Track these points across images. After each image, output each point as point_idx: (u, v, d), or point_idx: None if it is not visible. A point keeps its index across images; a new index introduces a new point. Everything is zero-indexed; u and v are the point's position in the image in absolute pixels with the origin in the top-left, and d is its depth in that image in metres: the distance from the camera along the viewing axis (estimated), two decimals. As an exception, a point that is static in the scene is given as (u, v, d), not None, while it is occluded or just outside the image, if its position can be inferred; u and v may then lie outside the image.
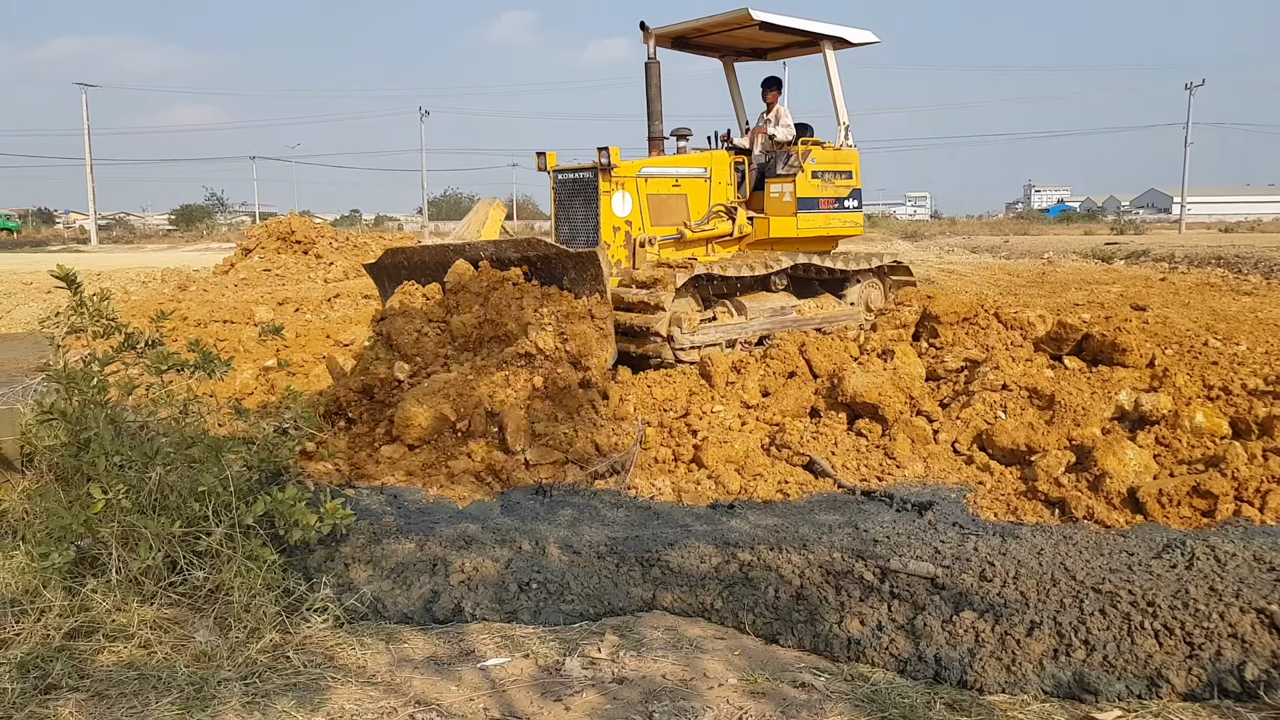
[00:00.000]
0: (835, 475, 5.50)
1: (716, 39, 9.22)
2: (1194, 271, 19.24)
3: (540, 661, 3.38)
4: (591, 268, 6.55)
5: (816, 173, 8.76)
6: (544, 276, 6.76)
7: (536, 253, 6.78)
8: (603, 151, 7.61)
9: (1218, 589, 3.43)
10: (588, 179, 7.82)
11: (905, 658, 3.37)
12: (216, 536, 3.79)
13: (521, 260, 6.83)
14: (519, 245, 6.94)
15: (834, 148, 9.04)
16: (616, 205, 7.77)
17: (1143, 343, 6.48)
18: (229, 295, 14.09)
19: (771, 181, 8.80)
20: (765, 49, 9.78)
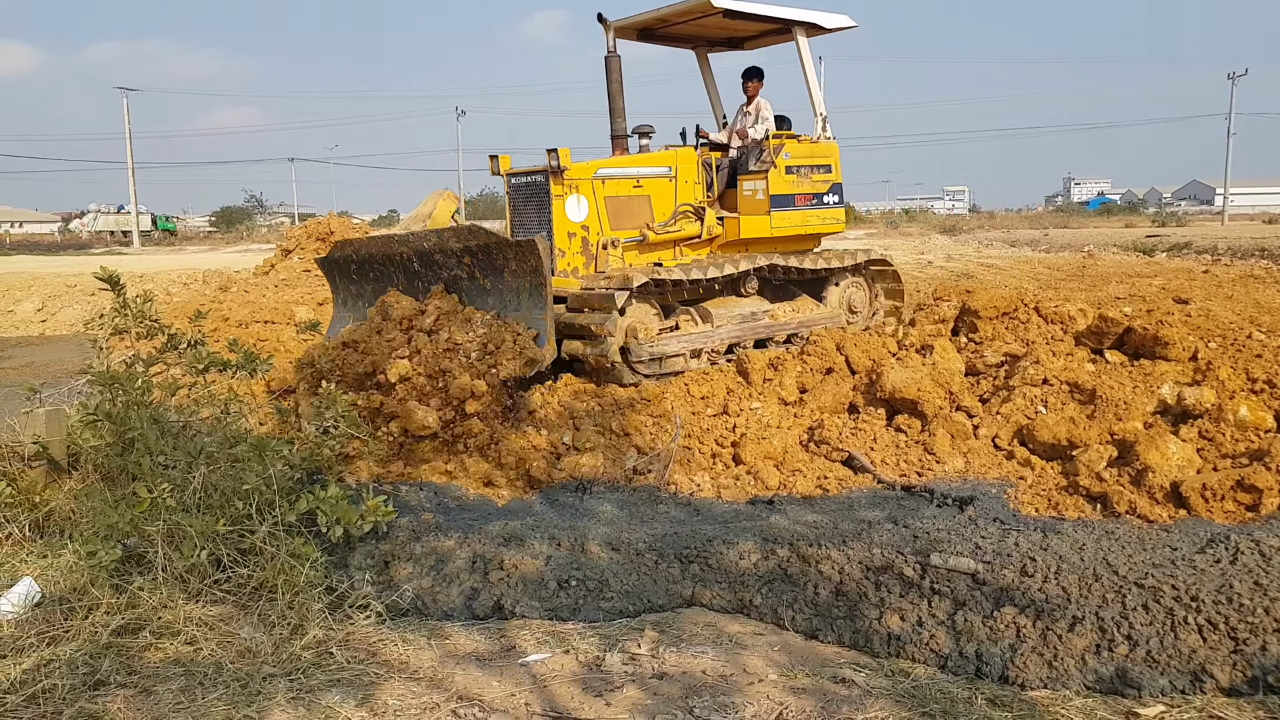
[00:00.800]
0: (875, 471, 5.48)
1: (684, 29, 8.68)
2: (1237, 264, 18.88)
3: (581, 658, 3.40)
4: (531, 258, 6.14)
5: (791, 168, 8.27)
6: (485, 267, 6.46)
7: (478, 241, 6.41)
8: (552, 153, 7.21)
9: (1262, 584, 3.38)
10: (539, 182, 7.43)
11: (946, 653, 3.35)
12: (260, 534, 3.86)
13: (464, 250, 6.50)
14: (461, 234, 6.61)
15: (811, 140, 8.61)
16: (571, 209, 7.38)
17: (1185, 336, 6.38)
18: (269, 296, 14.27)
19: (743, 178, 8.33)
20: (740, 38, 9.24)
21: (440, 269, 6.70)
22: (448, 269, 6.66)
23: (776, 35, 9.01)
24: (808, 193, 8.43)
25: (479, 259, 6.45)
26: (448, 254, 6.59)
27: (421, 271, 6.84)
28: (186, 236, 65.19)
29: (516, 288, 6.33)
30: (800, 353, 6.99)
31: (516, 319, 6.25)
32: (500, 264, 6.36)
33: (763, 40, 9.27)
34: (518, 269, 6.27)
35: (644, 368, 6.90)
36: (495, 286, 6.44)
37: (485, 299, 6.50)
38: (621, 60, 8.07)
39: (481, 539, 4.19)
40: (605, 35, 8.04)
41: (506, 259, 6.30)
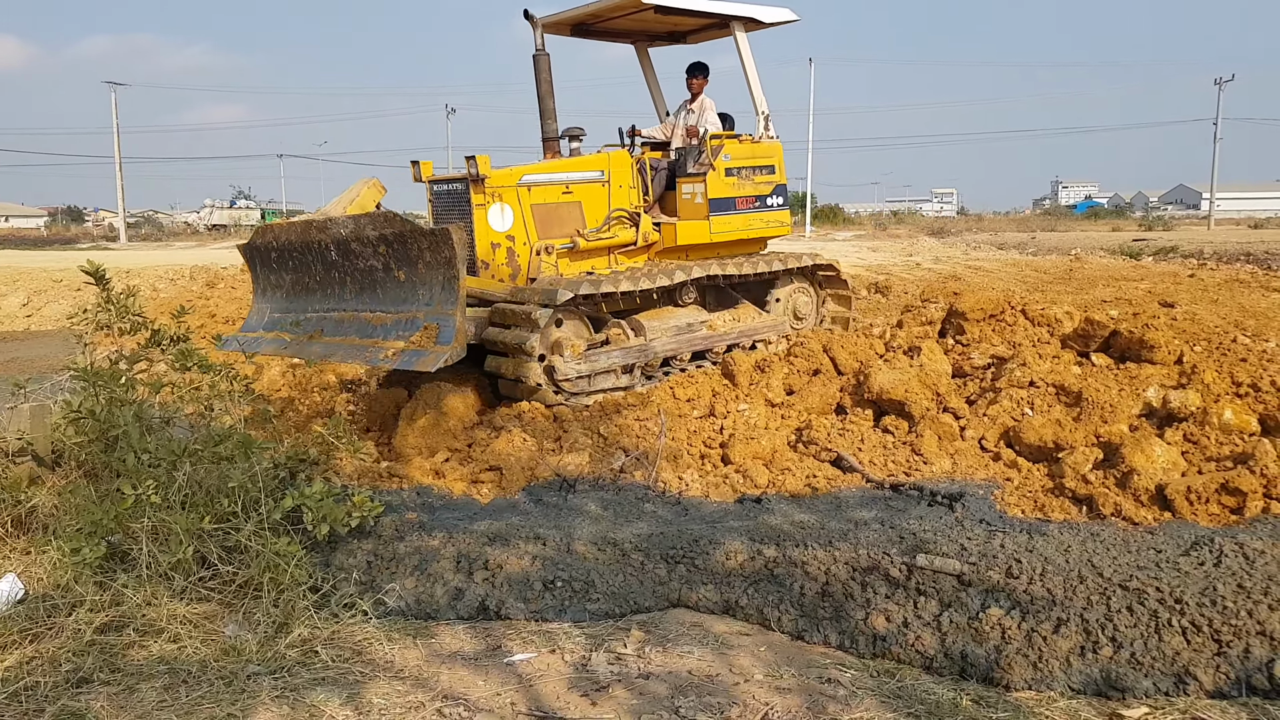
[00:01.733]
0: (863, 470, 5.49)
1: (619, 24, 8.32)
2: (1223, 268, 19.01)
3: (567, 657, 3.40)
4: (445, 249, 5.78)
5: (731, 170, 8.01)
6: (400, 258, 6.09)
7: (393, 230, 6.05)
8: (470, 161, 6.91)
9: (1246, 586, 3.40)
10: (460, 190, 7.12)
11: (931, 654, 3.36)
12: (245, 532, 3.84)
13: (379, 239, 6.14)
14: (377, 221, 6.21)
15: (753, 140, 8.28)
16: (494, 219, 7.07)
17: (1171, 339, 6.42)
18: (256, 293, 14.21)
19: (682, 181, 8.02)
20: (680, 32, 8.91)
21: (357, 259, 6.36)
22: (364, 259, 6.32)
23: (717, 30, 8.67)
24: (750, 195, 8.17)
25: (394, 248, 6.08)
26: (364, 243, 6.24)
27: (339, 262, 6.51)
28: (174, 232, 64.82)
29: (430, 280, 5.97)
30: (787, 354, 7.01)
31: (427, 313, 5.94)
32: (415, 254, 5.99)
33: (703, 35, 8.97)
34: (432, 260, 5.91)
35: (570, 385, 6.62)
36: (409, 278, 6.09)
37: (399, 289, 6.18)
38: (551, 59, 7.83)
39: (467, 538, 4.17)
40: (533, 32, 7.80)
41: (421, 249, 5.93)
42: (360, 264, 6.37)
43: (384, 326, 6.20)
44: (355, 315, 6.48)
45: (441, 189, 7.33)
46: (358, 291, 6.48)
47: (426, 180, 7.44)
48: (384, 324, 6.22)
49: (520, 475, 5.38)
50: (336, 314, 6.62)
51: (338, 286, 6.59)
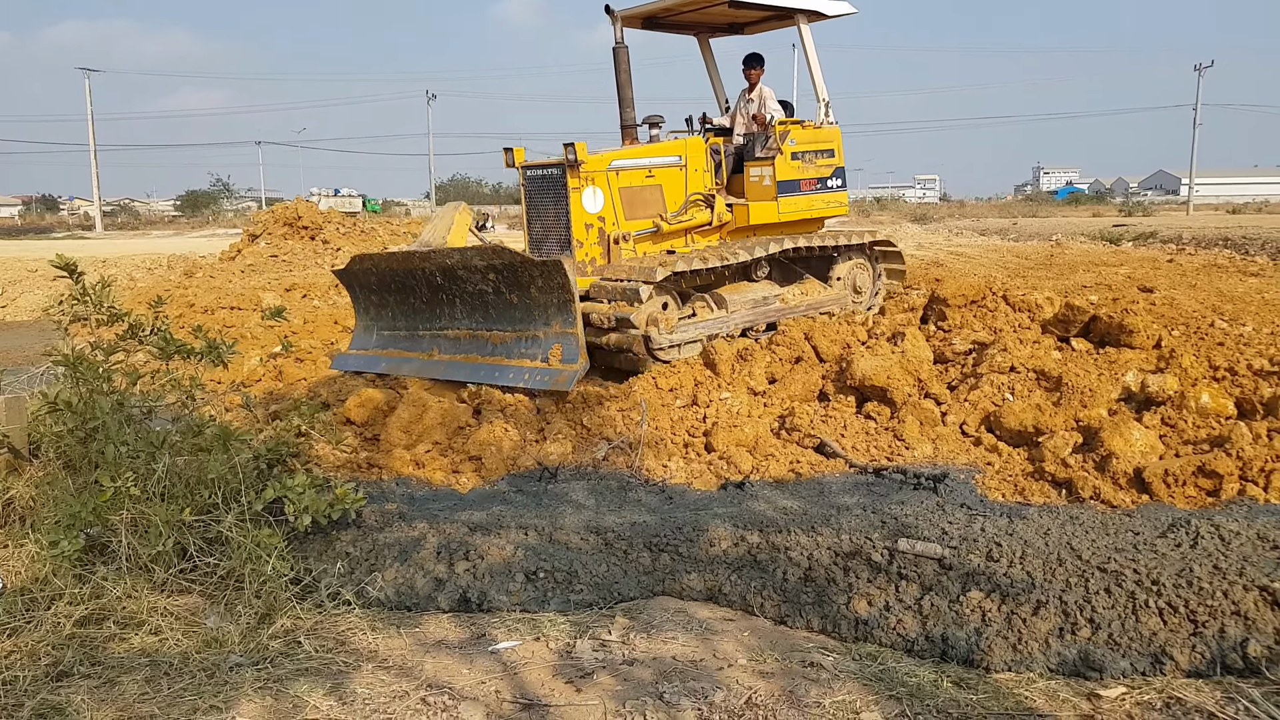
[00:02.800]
0: (846, 456, 5.51)
1: (688, 16, 8.78)
2: (1201, 253, 19.15)
3: (552, 645, 3.40)
4: (558, 276, 6.28)
5: (796, 154, 8.46)
6: (511, 284, 6.58)
7: (502, 260, 6.51)
8: (569, 147, 7.29)
9: (1221, 567, 3.44)
10: (555, 175, 7.51)
11: (913, 637, 3.39)
12: (227, 523, 3.82)
13: (488, 268, 6.61)
14: (484, 253, 6.68)
15: (814, 126, 8.74)
16: (587, 201, 7.47)
17: (1149, 324, 6.47)
18: (235, 282, 14.12)
19: (750, 165, 8.48)
20: (741, 24, 9.34)
21: (464, 283, 6.83)
22: (472, 284, 6.78)
23: (778, 21, 9.14)
24: (812, 177, 8.61)
25: (504, 275, 6.58)
26: (471, 270, 6.71)
27: (445, 285, 6.97)
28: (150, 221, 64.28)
29: (545, 303, 6.49)
30: (769, 343, 7.02)
31: (546, 333, 6.51)
32: (526, 281, 6.50)
33: (764, 25, 9.38)
34: (545, 285, 6.42)
35: (664, 355, 7.05)
36: (522, 300, 6.60)
37: (512, 312, 6.68)
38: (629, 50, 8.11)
39: (449, 528, 4.17)
40: (613, 26, 8.09)
41: (532, 276, 6.45)
42: (469, 288, 6.84)
43: (505, 345, 6.76)
44: (472, 334, 7.01)
45: (535, 174, 7.69)
46: (469, 312, 6.97)
47: (519, 166, 7.78)
48: (505, 342, 6.77)
49: (501, 465, 5.37)
50: (450, 332, 7.12)
51: (447, 307, 7.08)
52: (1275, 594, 3.28)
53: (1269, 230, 22.84)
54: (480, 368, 6.78)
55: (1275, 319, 8.06)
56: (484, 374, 6.71)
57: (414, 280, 7.17)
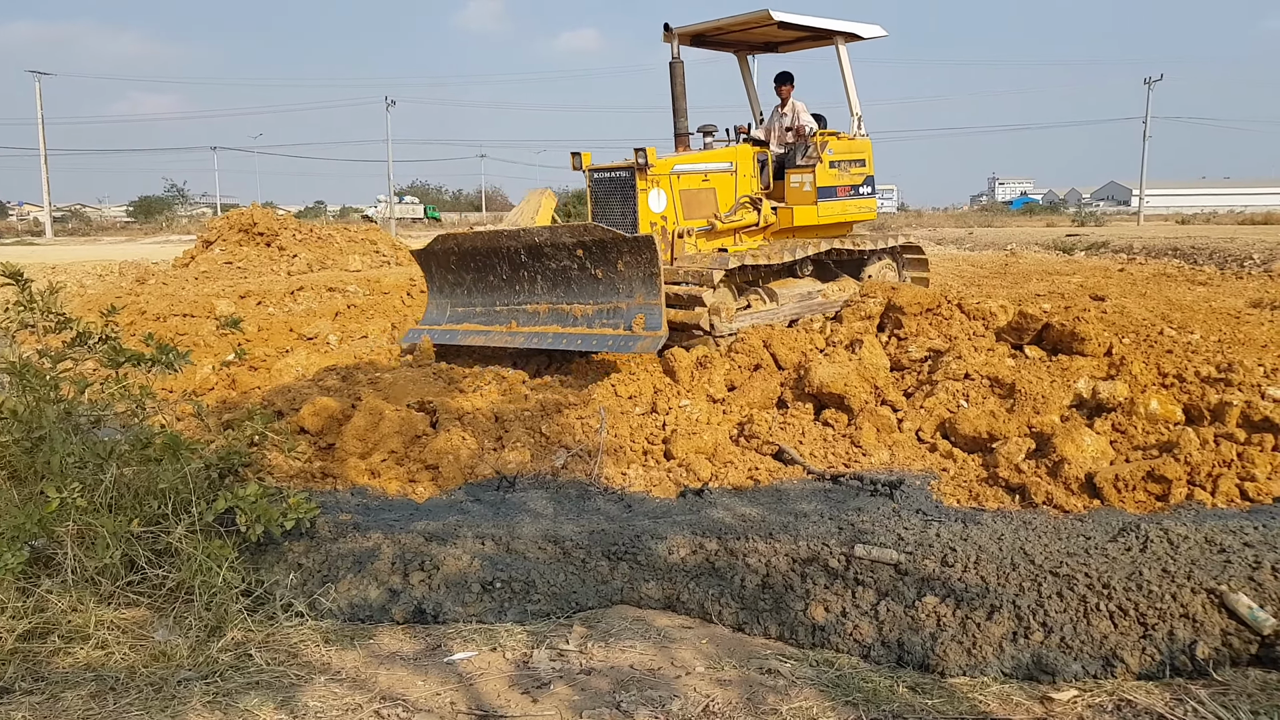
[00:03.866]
0: (804, 463, 5.54)
1: (734, 36, 9.57)
2: (1151, 262, 19.56)
3: (509, 655, 3.37)
4: (646, 251, 7.01)
5: (833, 162, 9.23)
6: (598, 259, 7.27)
7: (593, 238, 7.22)
8: (639, 152, 8.03)
9: (1170, 571, 3.50)
10: (624, 178, 8.20)
11: (869, 643, 3.41)
12: (176, 534, 3.75)
13: (577, 245, 7.31)
14: (575, 230, 7.43)
15: (848, 138, 9.48)
16: (653, 201, 8.16)
17: (1101, 332, 6.57)
18: (189, 289, 13.91)
19: (791, 172, 9.24)
20: (777, 43, 10.14)
21: (549, 260, 7.56)
22: (557, 260, 7.51)
23: (813, 41, 9.94)
24: (847, 184, 9.44)
25: (592, 252, 7.28)
26: (559, 247, 7.43)
27: (528, 263, 7.71)
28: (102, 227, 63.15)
29: (630, 277, 7.17)
30: (728, 350, 7.05)
31: (629, 305, 7.17)
32: (614, 257, 7.19)
33: (799, 45, 10.20)
34: (632, 260, 7.11)
35: (723, 342, 7.56)
36: (608, 276, 7.29)
37: (596, 286, 7.39)
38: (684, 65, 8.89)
39: (404, 538, 4.11)
40: (671, 44, 8.83)
41: (621, 252, 7.13)
42: (553, 265, 7.57)
43: (586, 317, 7.45)
44: (552, 307, 7.71)
45: (603, 176, 8.43)
46: (550, 287, 7.69)
47: (586, 169, 8.54)
48: (586, 314, 7.47)
49: (459, 474, 5.33)
50: (529, 307, 7.84)
51: (527, 284, 7.81)
52: (1222, 597, 3.34)
53: (1216, 240, 23.35)
54: (562, 336, 7.48)
55: (1222, 327, 8.23)
56: (566, 341, 7.44)
57: (496, 258, 7.88)
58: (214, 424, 5.54)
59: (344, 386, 6.84)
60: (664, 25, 8.87)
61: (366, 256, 19.24)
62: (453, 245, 8.23)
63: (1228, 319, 8.92)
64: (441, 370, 7.26)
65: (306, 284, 13.01)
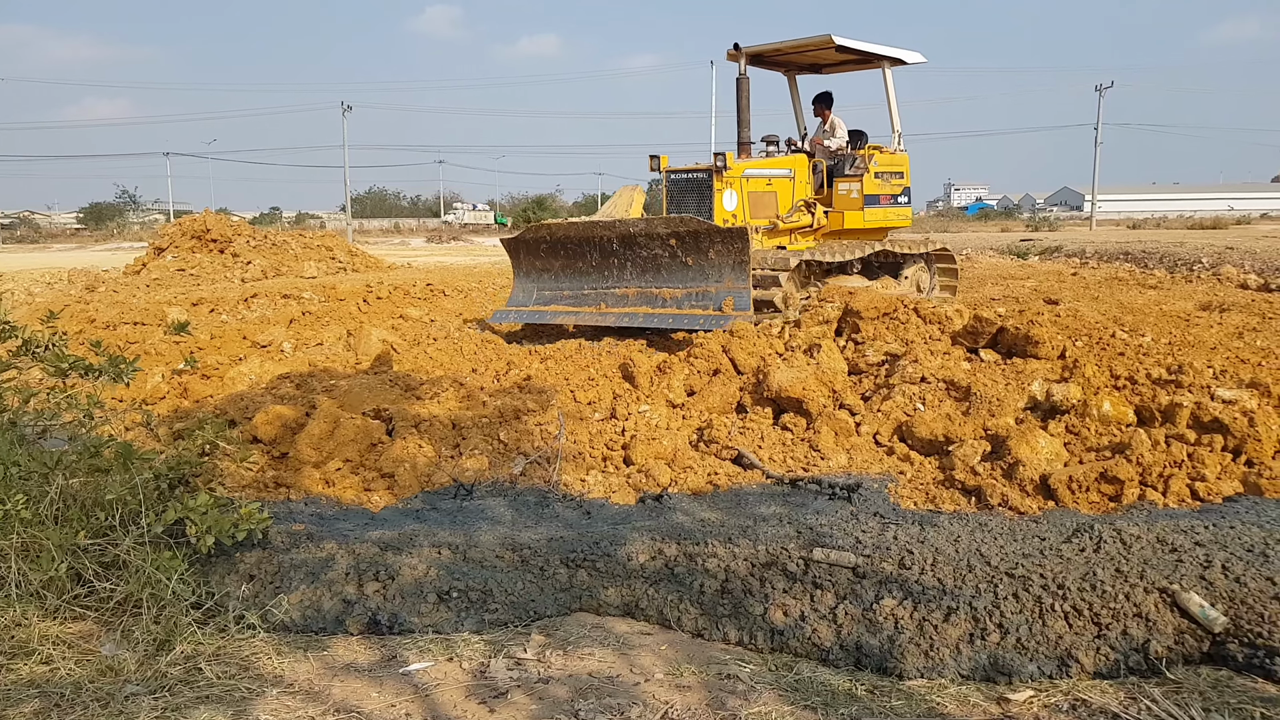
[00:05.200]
0: (763, 467, 5.55)
1: (790, 57, 10.68)
2: (1103, 266, 19.90)
3: (465, 665, 3.33)
4: (739, 241, 7.93)
5: (878, 173, 10.28)
6: (690, 248, 8.15)
7: (688, 229, 8.11)
8: (719, 156, 9.11)
9: (1124, 571, 3.54)
10: (703, 178, 9.25)
11: (828, 646, 3.41)
12: (124, 546, 3.66)
13: (671, 235, 8.18)
14: (670, 222, 8.30)
15: (890, 152, 10.61)
16: (726, 201, 9.16)
17: (1054, 335, 6.66)
18: (140, 296, 13.65)
19: (840, 180, 10.31)
20: (822, 64, 11.16)
21: (640, 249, 8.48)
22: (649, 249, 8.42)
23: (856, 65, 11.01)
24: (888, 193, 10.48)
25: (685, 241, 8.17)
26: (652, 237, 8.34)
27: (619, 250, 8.62)
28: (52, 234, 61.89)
29: (720, 264, 8.06)
30: (687, 355, 7.05)
31: (718, 288, 8.07)
32: (705, 246, 8.08)
33: (841, 68, 11.29)
34: (723, 249, 8.01)
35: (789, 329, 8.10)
36: (698, 263, 8.19)
37: (685, 272, 8.28)
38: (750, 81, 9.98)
39: (359, 548, 4.05)
40: (738, 62, 9.88)
41: (713, 241, 8.05)
42: (644, 252, 8.47)
43: (675, 299, 8.32)
44: (641, 291, 8.55)
45: (681, 178, 9.53)
46: (639, 273, 8.56)
47: (664, 170, 9.62)
48: (675, 297, 8.33)
49: (415, 482, 5.26)
50: (618, 290, 8.70)
51: (616, 270, 8.69)
52: (1174, 596, 3.39)
53: (1166, 245, 23.82)
54: (653, 316, 8.30)
55: (1172, 329, 8.39)
56: (656, 321, 8.26)
57: (587, 246, 8.77)
58: (164, 433, 5.45)
59: (299, 394, 6.73)
60: (734, 45, 9.82)
61: (323, 263, 19.03)
62: (545, 234, 9.10)
63: (1178, 321, 9.10)
64: (399, 377, 7.18)
65: (261, 291, 12.83)
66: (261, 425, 5.82)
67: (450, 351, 8.29)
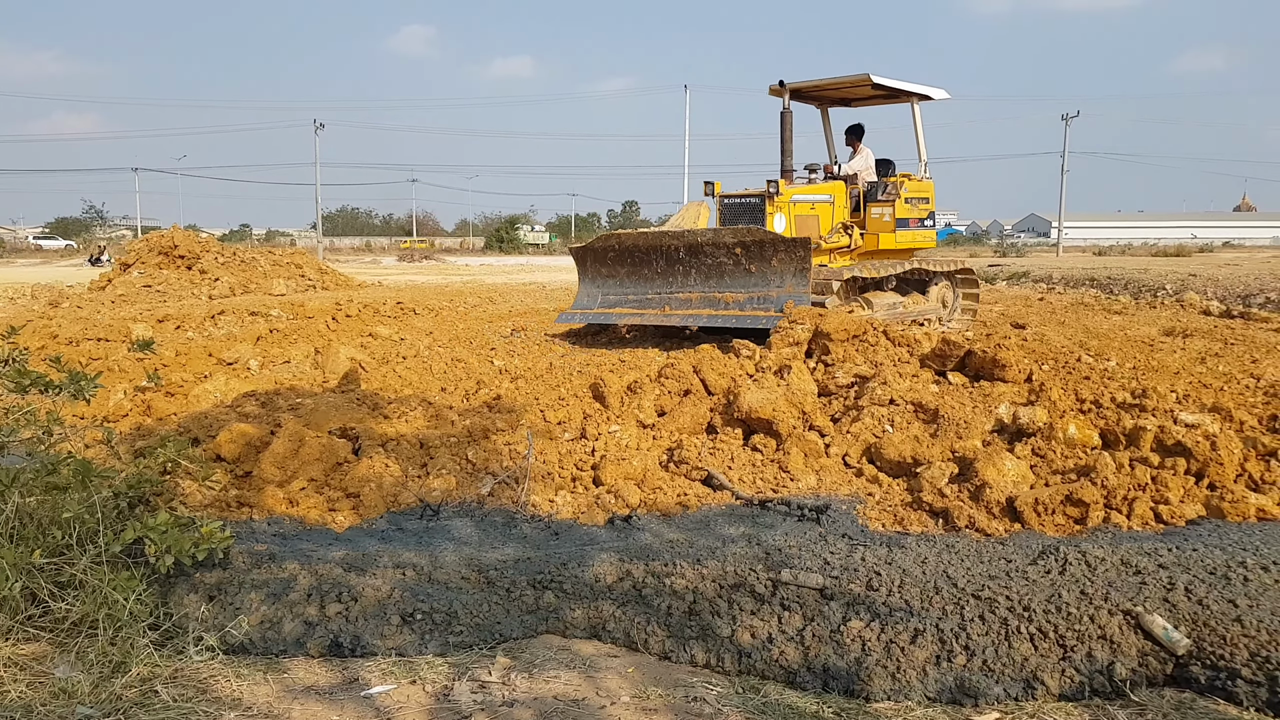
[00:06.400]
0: (733, 488, 5.54)
1: (829, 93, 11.69)
2: (1070, 292, 20.17)
3: (428, 688, 3.28)
4: (801, 250, 8.83)
5: (908, 199, 11.20)
6: (755, 256, 9.01)
7: (753, 238, 8.96)
8: (771, 183, 9.97)
9: (1088, 593, 3.56)
10: (756, 203, 10.08)
11: (795, 668, 3.40)
12: (81, 566, 3.58)
13: (737, 243, 9.04)
14: (737, 232, 9.14)
15: (918, 180, 11.51)
16: (777, 223, 9.95)
17: (1021, 359, 6.73)
18: (104, 312, 13.46)
19: (872, 205, 11.21)
20: (851, 99, 12.07)
21: (706, 257, 9.35)
22: (714, 257, 9.29)
23: (886, 100, 11.92)
24: (916, 217, 11.42)
25: (750, 250, 9.04)
26: (719, 246, 9.20)
27: (685, 259, 9.49)
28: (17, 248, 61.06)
29: (781, 270, 8.91)
30: (658, 376, 7.04)
31: (780, 293, 8.86)
32: (769, 254, 8.95)
33: (870, 102, 12.18)
34: (786, 257, 8.88)
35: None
36: (760, 270, 9.04)
37: (748, 278, 9.13)
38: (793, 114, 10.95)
39: (322, 568, 3.98)
40: (783, 97, 10.82)
41: (777, 250, 8.92)
42: (708, 261, 9.35)
43: (738, 303, 9.12)
44: (704, 295, 9.38)
45: (734, 201, 10.39)
46: (703, 279, 9.41)
47: (718, 195, 10.51)
48: (736, 300, 9.14)
49: (381, 502, 5.19)
50: (682, 295, 9.53)
51: (681, 276, 9.54)
52: (1138, 618, 3.41)
53: (1131, 271, 24.17)
54: (716, 318, 9.10)
55: (1137, 354, 8.50)
56: (720, 320, 9.07)
57: (654, 254, 9.64)
58: (125, 451, 5.35)
59: (263, 413, 6.65)
60: (780, 81, 10.72)
61: (292, 280, 18.87)
62: (613, 243, 10.02)
63: (1142, 347, 9.22)
64: (366, 396, 7.12)
65: (228, 308, 12.70)
66: (225, 443, 5.73)
67: (419, 370, 8.23)
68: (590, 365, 8.27)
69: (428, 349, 9.57)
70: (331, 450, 5.64)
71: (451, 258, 52.14)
